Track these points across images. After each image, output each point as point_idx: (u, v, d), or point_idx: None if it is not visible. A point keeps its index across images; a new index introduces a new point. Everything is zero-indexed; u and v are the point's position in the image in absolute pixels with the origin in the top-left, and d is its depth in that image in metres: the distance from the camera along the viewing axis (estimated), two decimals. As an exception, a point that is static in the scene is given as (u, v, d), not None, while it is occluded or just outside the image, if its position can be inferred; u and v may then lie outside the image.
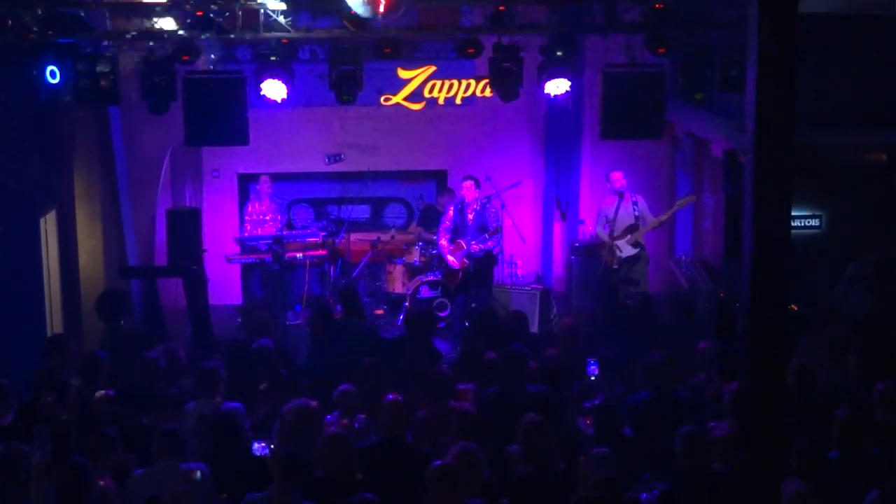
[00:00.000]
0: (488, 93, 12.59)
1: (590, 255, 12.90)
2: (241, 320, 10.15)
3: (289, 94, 10.57)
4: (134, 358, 8.40)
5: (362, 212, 14.74)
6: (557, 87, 10.70)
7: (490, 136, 14.45)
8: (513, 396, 7.77)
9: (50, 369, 8.59)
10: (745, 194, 4.85)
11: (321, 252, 12.83)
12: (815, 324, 9.50)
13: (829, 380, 8.19)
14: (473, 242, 12.17)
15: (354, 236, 13.60)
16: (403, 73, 13.50)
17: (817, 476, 6.39)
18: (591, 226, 12.99)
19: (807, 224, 11.90)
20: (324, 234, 12.99)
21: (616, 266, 12.31)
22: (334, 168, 13.89)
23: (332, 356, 9.19)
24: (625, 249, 12.33)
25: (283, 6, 9.81)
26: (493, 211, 12.40)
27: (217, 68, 10.41)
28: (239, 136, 10.56)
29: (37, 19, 9.66)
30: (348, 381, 7.97)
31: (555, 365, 8.64)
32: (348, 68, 10.45)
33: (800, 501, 5.94)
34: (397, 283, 12.98)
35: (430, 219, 13.60)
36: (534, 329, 11.87)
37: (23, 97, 9.93)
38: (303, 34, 10.15)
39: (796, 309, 9.37)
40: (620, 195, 12.36)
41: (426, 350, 9.21)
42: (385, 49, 10.39)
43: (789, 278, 4.79)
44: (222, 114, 10.34)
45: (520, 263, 13.84)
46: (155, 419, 7.38)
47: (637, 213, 12.36)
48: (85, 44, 10.08)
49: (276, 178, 13.35)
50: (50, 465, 6.38)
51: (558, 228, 14.48)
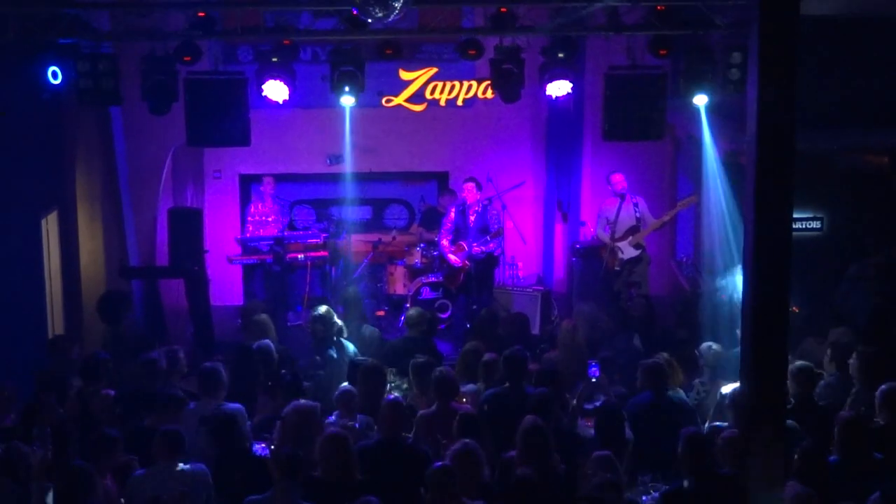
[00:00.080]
0: (490, 94, 12.59)
1: (591, 256, 12.88)
2: (241, 321, 10.13)
3: (290, 95, 10.58)
4: (135, 359, 8.40)
5: (364, 213, 14.74)
6: (559, 88, 10.71)
7: (491, 138, 14.45)
8: (512, 398, 7.78)
9: (51, 370, 8.61)
10: (746, 196, 4.85)
11: (322, 253, 12.83)
12: (816, 326, 9.49)
13: (830, 382, 8.19)
14: (475, 244, 12.16)
15: (356, 237, 13.60)
16: (405, 75, 13.51)
17: (818, 479, 6.38)
18: (592, 228, 12.98)
19: (808, 226, 11.88)
20: (325, 235, 12.98)
21: (618, 268, 12.29)
22: (335, 169, 13.89)
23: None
24: (626, 251, 12.32)
25: (285, 7, 9.82)
26: (494, 213, 12.38)
27: (219, 69, 10.40)
28: (240, 137, 10.56)
29: (38, 20, 9.66)
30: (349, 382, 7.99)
31: (555, 367, 8.64)
32: (350, 69, 10.46)
33: (800, 504, 5.95)
34: (398, 285, 12.97)
35: (432, 220, 13.59)
36: (535, 331, 11.87)
37: (24, 97, 9.92)
38: (305, 35, 10.15)
39: (797, 311, 9.36)
40: (622, 197, 12.34)
41: (428, 351, 9.22)
42: (387, 50, 10.41)
43: (790, 280, 4.79)
44: (224, 114, 10.34)
45: (521, 265, 13.84)
46: (156, 420, 7.37)
47: (638, 215, 12.34)
48: (86, 44, 10.10)
49: (277, 178, 13.34)
50: (50, 465, 6.40)
51: (559, 230, 14.47)
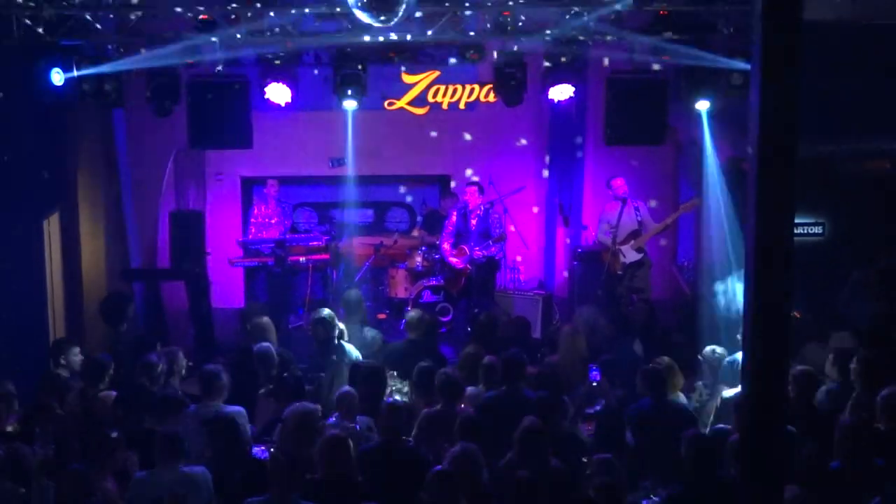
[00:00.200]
0: (492, 98, 12.62)
1: (593, 260, 12.88)
2: (241, 324, 10.14)
3: (293, 98, 10.59)
4: (135, 361, 8.40)
5: (365, 216, 14.73)
6: (561, 92, 10.72)
7: (493, 142, 14.45)
8: (510, 401, 7.77)
9: (53, 372, 8.61)
10: (748, 201, 4.85)
11: (324, 256, 12.83)
12: (818, 331, 9.48)
13: (832, 387, 8.18)
14: (476, 248, 12.16)
15: (357, 240, 13.60)
16: (407, 78, 13.53)
17: (819, 484, 6.37)
18: (594, 232, 12.98)
19: (810, 231, 11.88)
20: (327, 237, 12.98)
21: (620, 272, 12.29)
22: (337, 172, 13.89)
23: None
24: (629, 255, 12.32)
25: (288, 10, 9.83)
26: (496, 216, 12.38)
27: (221, 72, 10.41)
28: (243, 140, 10.58)
29: (42, 22, 9.68)
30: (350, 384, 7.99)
31: (554, 370, 8.63)
32: (352, 72, 10.47)
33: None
34: (400, 288, 12.97)
35: (434, 223, 13.60)
36: (536, 335, 11.87)
37: (27, 99, 9.93)
38: (307, 38, 10.15)
39: (799, 316, 9.35)
40: (623, 201, 12.34)
41: (431, 354, 9.22)
42: (389, 53, 10.42)
43: (792, 285, 4.79)
44: (226, 117, 10.37)
45: (522, 269, 13.84)
46: (156, 422, 7.37)
47: (639, 219, 12.34)
48: (89, 46, 10.11)
49: (279, 181, 13.35)
50: (51, 466, 6.40)
51: (561, 234, 14.47)
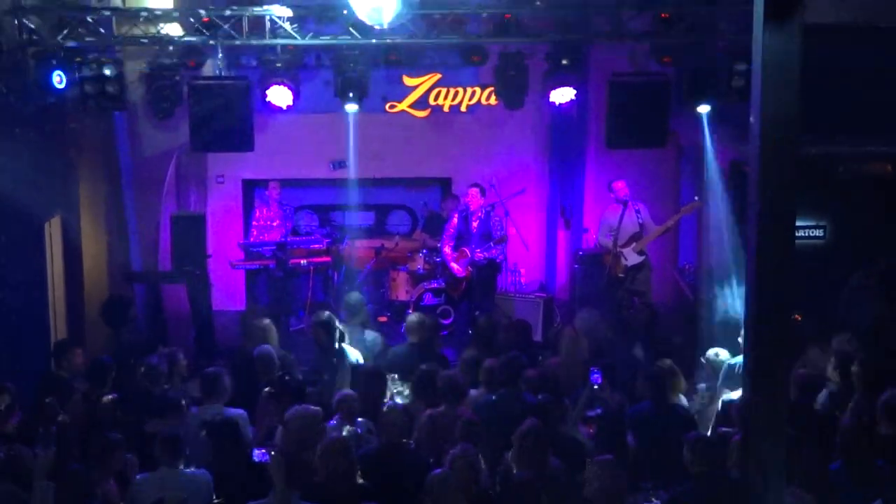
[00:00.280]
0: (493, 101, 12.62)
1: (594, 263, 12.88)
2: (241, 326, 10.13)
3: (294, 101, 10.60)
4: (136, 363, 8.40)
5: (366, 218, 14.73)
6: (562, 95, 10.73)
7: (494, 144, 14.45)
8: (508, 404, 7.76)
9: (55, 374, 8.62)
10: (749, 204, 4.85)
11: (325, 259, 12.84)
12: (819, 334, 9.47)
13: (833, 390, 8.18)
14: (478, 250, 12.16)
15: (358, 243, 13.60)
16: (409, 81, 13.53)
17: (820, 486, 6.37)
18: (595, 235, 12.98)
19: (811, 234, 11.87)
20: (328, 240, 12.99)
21: (622, 274, 12.29)
22: (339, 174, 13.89)
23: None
24: (630, 257, 12.31)
25: (289, 13, 9.85)
26: (497, 219, 12.38)
27: (223, 74, 10.42)
28: (244, 142, 10.57)
29: (44, 24, 9.68)
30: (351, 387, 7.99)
31: (555, 373, 8.63)
32: (354, 75, 10.48)
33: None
34: (401, 291, 12.97)
35: (435, 226, 13.60)
36: (537, 337, 11.86)
37: (29, 102, 9.93)
38: (309, 41, 10.16)
39: (800, 319, 9.35)
40: (624, 204, 12.34)
41: (433, 357, 9.21)
42: (390, 56, 10.42)
43: (793, 288, 4.79)
44: (228, 120, 10.35)
45: (523, 271, 13.83)
46: (157, 424, 7.37)
47: (641, 221, 12.34)
48: (91, 49, 10.11)
49: (281, 184, 13.35)
50: (53, 468, 6.41)
51: (562, 237, 14.47)
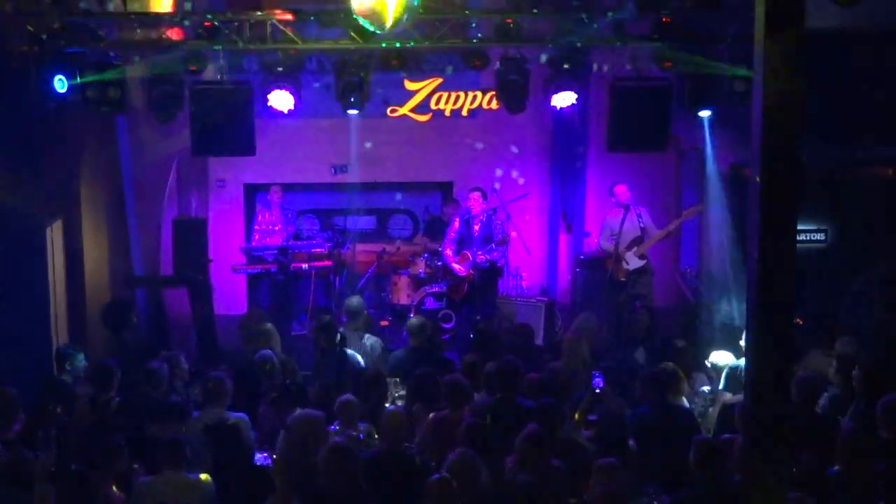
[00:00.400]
0: (494, 105, 12.64)
1: (595, 267, 12.90)
2: (240, 331, 10.11)
3: (296, 105, 10.60)
4: (138, 367, 8.40)
5: (368, 223, 14.76)
6: (564, 99, 10.72)
7: (496, 148, 14.47)
8: (505, 408, 7.73)
9: (56, 377, 8.61)
10: (750, 208, 4.85)
11: (327, 263, 12.84)
12: (820, 338, 9.48)
13: (835, 394, 8.18)
14: (479, 253, 12.16)
15: (360, 247, 13.62)
16: (410, 85, 13.55)
17: (820, 490, 6.37)
18: (596, 239, 12.98)
19: (812, 238, 11.89)
20: (329, 244, 12.99)
21: (623, 278, 12.29)
22: (340, 179, 13.91)
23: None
24: (632, 262, 12.31)
25: (290, 17, 9.86)
26: (498, 223, 12.38)
27: (224, 79, 10.42)
28: (245, 147, 10.58)
29: (45, 28, 9.69)
30: (352, 391, 7.98)
31: (555, 377, 8.62)
32: (355, 79, 10.47)
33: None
34: (402, 295, 12.97)
35: (436, 230, 13.61)
36: (539, 341, 11.86)
37: (30, 106, 9.94)
38: (310, 45, 10.17)
39: (801, 323, 9.35)
40: (625, 208, 12.34)
41: (435, 360, 9.20)
42: (392, 60, 10.42)
43: (795, 292, 4.79)
44: (229, 124, 10.36)
45: (525, 275, 13.84)
46: (159, 429, 7.37)
47: (642, 225, 12.34)
48: (93, 53, 10.12)
49: (282, 188, 13.37)
50: (53, 470, 6.41)
51: (563, 241, 14.49)
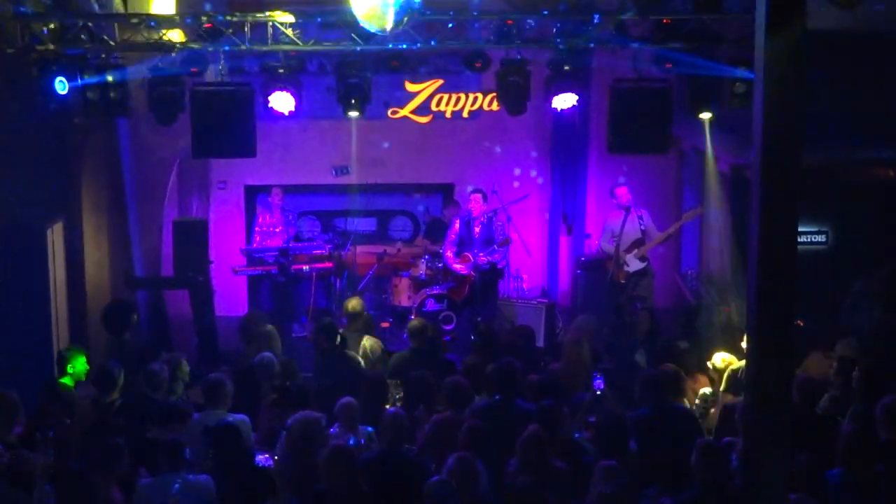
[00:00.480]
0: (495, 106, 12.62)
1: (596, 269, 12.90)
2: (240, 332, 10.10)
3: (296, 107, 10.60)
4: (139, 369, 8.40)
5: (369, 224, 14.76)
6: (564, 101, 10.71)
7: (497, 150, 14.47)
8: (503, 410, 7.70)
9: (58, 380, 8.60)
10: (751, 210, 4.86)
11: (327, 264, 12.83)
12: (821, 340, 9.48)
13: (835, 395, 8.17)
14: (481, 254, 12.16)
15: (361, 249, 13.60)
16: (411, 87, 13.56)
17: (821, 491, 6.36)
18: (597, 240, 12.99)
19: (813, 240, 11.89)
20: (330, 246, 12.99)
21: (624, 281, 12.29)
22: (341, 180, 13.91)
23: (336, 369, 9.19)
24: (632, 264, 12.32)
25: (291, 19, 9.86)
26: (499, 224, 12.39)
27: (225, 80, 10.43)
28: (246, 148, 10.57)
29: (46, 31, 9.69)
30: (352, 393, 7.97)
31: (556, 378, 8.61)
32: (356, 81, 10.48)
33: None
34: (403, 296, 12.97)
35: (437, 232, 13.60)
36: (539, 343, 11.85)
37: (31, 108, 9.94)
38: (311, 47, 10.17)
39: (802, 324, 9.35)
40: (626, 210, 12.35)
41: (436, 362, 9.20)
42: (393, 62, 10.42)
43: (795, 293, 4.79)
44: (230, 126, 10.35)
45: (526, 277, 13.84)
46: (159, 431, 7.37)
47: (643, 228, 12.35)
48: (94, 55, 10.12)
49: (283, 190, 13.37)
50: (52, 472, 6.41)
51: (564, 242, 14.49)
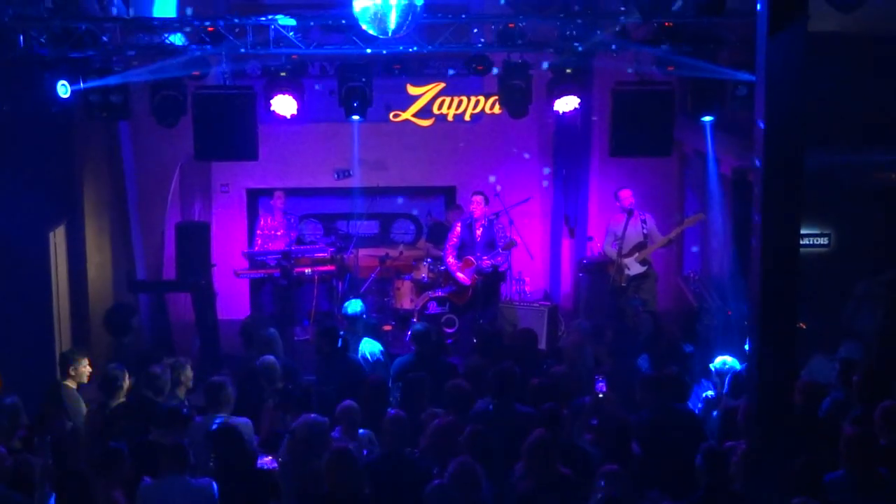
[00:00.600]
0: (497, 110, 12.62)
1: (598, 272, 12.89)
2: (242, 336, 10.10)
3: (298, 110, 10.60)
4: (141, 372, 8.40)
5: (371, 227, 14.76)
6: (566, 104, 10.71)
7: (498, 153, 14.47)
8: (502, 413, 7.70)
9: (59, 383, 8.61)
10: (754, 212, 4.85)
11: (330, 267, 12.84)
12: (824, 342, 9.47)
13: (838, 398, 8.16)
14: (484, 258, 12.16)
15: (363, 252, 13.60)
16: (413, 90, 13.56)
17: (823, 494, 6.36)
18: (599, 243, 12.98)
19: (815, 242, 11.87)
20: (332, 249, 13.00)
21: (624, 284, 12.28)
22: (343, 183, 13.92)
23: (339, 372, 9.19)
24: (633, 267, 12.31)
25: (293, 23, 9.87)
26: (500, 227, 12.39)
27: (227, 83, 10.44)
28: (248, 152, 10.57)
29: (48, 34, 9.70)
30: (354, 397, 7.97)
31: (557, 381, 8.60)
32: (358, 84, 10.48)
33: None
34: (405, 299, 12.97)
35: (439, 235, 13.59)
36: (541, 346, 11.84)
37: (33, 111, 9.95)
38: (313, 50, 10.17)
39: (805, 327, 9.35)
40: (629, 213, 12.34)
41: (438, 366, 9.20)
42: (394, 65, 10.42)
43: (798, 296, 4.78)
44: (232, 129, 10.35)
45: (528, 280, 13.83)
46: (161, 434, 7.37)
47: (646, 231, 12.34)
48: (96, 59, 10.13)
49: (285, 193, 13.37)
50: (52, 474, 6.42)
51: (566, 245, 14.48)
